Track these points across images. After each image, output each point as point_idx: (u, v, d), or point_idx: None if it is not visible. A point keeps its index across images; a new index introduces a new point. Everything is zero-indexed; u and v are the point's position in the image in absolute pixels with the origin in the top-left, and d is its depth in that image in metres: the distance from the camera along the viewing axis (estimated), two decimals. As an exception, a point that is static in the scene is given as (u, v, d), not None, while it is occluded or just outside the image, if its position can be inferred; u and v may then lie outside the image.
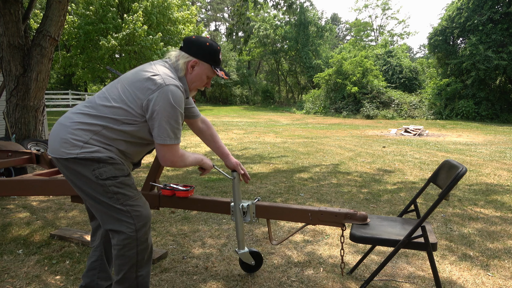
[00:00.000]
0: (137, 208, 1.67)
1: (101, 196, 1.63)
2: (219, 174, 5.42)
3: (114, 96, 1.64)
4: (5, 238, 2.89)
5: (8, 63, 6.19)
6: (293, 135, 11.47)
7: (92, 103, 1.66)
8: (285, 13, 28.61)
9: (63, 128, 1.63)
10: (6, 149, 3.96)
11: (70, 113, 1.68)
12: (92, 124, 1.60)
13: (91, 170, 1.59)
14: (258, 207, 2.11)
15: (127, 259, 1.66)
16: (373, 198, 4.16)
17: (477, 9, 18.69)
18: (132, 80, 1.64)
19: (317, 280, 2.26)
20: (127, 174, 1.69)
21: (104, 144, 1.62)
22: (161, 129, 1.59)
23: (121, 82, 1.68)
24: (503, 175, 5.50)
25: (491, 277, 2.31)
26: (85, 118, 1.62)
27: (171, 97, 1.57)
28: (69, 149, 1.59)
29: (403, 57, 25.77)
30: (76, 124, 1.61)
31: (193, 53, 1.71)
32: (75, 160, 1.59)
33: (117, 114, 1.61)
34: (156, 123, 1.59)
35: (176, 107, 1.59)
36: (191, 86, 1.77)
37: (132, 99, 1.60)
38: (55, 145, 1.63)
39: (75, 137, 1.59)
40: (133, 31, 14.26)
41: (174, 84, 1.60)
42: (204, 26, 27.63)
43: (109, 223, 1.66)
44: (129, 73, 1.71)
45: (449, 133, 12.57)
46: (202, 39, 1.73)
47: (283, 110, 27.50)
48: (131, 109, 1.61)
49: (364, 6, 39.77)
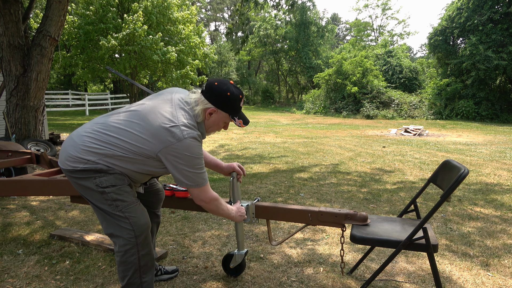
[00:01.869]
0: (135, 215, 1.71)
1: (101, 204, 1.68)
2: (219, 174, 5.42)
3: (130, 130, 1.63)
4: (5, 238, 2.89)
5: (8, 63, 6.19)
6: (293, 135, 11.47)
7: (106, 127, 1.67)
8: (286, 12, 28.63)
9: (73, 144, 1.69)
10: (6, 149, 3.96)
11: (84, 130, 1.71)
12: (100, 150, 1.64)
13: (92, 179, 1.65)
14: (258, 208, 2.11)
15: (129, 265, 1.70)
16: (373, 198, 4.16)
17: (477, 9, 18.68)
18: (148, 122, 1.62)
19: (317, 280, 2.26)
20: (127, 183, 1.72)
21: (109, 163, 1.65)
22: (187, 177, 1.64)
23: (140, 117, 1.65)
24: (503, 175, 5.50)
25: (491, 277, 2.31)
26: (96, 142, 1.65)
27: (191, 149, 1.59)
28: (73, 163, 1.66)
29: (403, 57, 25.75)
30: (84, 146, 1.65)
31: (212, 101, 1.68)
32: (76, 171, 1.66)
33: (128, 151, 1.64)
34: (178, 173, 1.63)
35: (196, 157, 1.62)
36: (208, 130, 1.77)
37: (148, 143, 1.61)
38: (62, 156, 1.71)
39: (81, 156, 1.65)
40: (133, 31, 14.25)
41: (192, 137, 1.60)
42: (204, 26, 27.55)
43: (109, 228, 1.71)
44: (150, 109, 1.67)
45: (449, 133, 12.56)
46: (224, 88, 1.68)
47: (283, 110, 27.49)
48: (143, 150, 1.62)
49: (364, 6, 39.74)
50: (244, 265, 2.26)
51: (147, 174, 1.76)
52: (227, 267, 2.26)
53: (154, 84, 19.78)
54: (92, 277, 2.28)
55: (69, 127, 12.76)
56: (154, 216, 2.13)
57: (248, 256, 2.58)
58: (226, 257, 2.25)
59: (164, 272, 2.23)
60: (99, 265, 2.43)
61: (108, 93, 23.89)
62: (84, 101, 19.13)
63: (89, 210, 3.64)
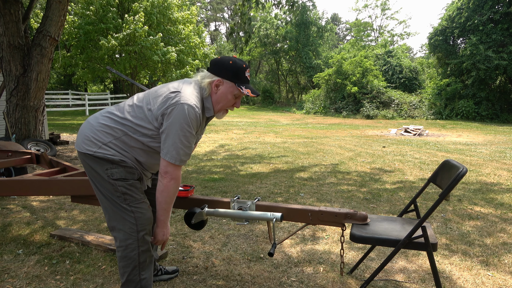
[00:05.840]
0: (141, 211, 1.73)
1: (110, 194, 1.71)
2: (219, 174, 5.42)
3: (140, 104, 1.72)
4: (5, 238, 2.89)
5: (8, 63, 6.20)
6: (293, 135, 11.47)
7: (120, 108, 1.76)
8: (286, 12, 28.62)
9: (89, 126, 1.75)
10: (6, 149, 3.96)
11: (100, 113, 1.79)
12: (114, 129, 1.71)
13: (104, 169, 1.70)
14: (258, 207, 2.11)
15: (129, 260, 1.72)
16: (373, 198, 4.16)
17: (477, 9, 18.69)
18: (156, 94, 1.71)
19: (317, 280, 2.26)
20: (137, 178, 1.76)
21: (121, 149, 1.71)
22: (169, 145, 1.62)
23: (151, 93, 1.74)
24: (503, 175, 5.50)
25: (491, 277, 2.32)
26: (110, 121, 1.72)
27: (184, 115, 1.60)
28: (89, 145, 1.71)
29: (403, 57, 25.75)
30: (100, 126, 1.72)
31: (216, 72, 1.72)
32: (91, 156, 1.70)
33: (137, 125, 1.69)
34: (165, 138, 1.64)
35: (186, 126, 1.61)
36: (217, 106, 1.77)
37: (154, 111, 1.66)
38: (78, 139, 1.78)
39: (96, 137, 1.71)
40: (134, 31, 14.25)
41: (190, 104, 1.62)
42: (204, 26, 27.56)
43: (113, 219, 1.73)
44: (158, 86, 1.79)
45: (449, 133, 12.56)
46: (226, 58, 1.72)
47: (283, 110, 27.49)
48: (149, 121, 1.67)
49: (363, 6, 39.75)
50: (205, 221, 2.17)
51: (158, 156, 1.73)
52: (189, 223, 2.14)
53: (154, 84, 19.78)
54: (92, 277, 2.28)
55: (69, 127, 12.75)
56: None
57: (248, 256, 2.59)
58: (188, 214, 2.12)
59: (164, 272, 2.24)
60: (99, 265, 2.43)
61: (108, 93, 23.89)
62: (84, 101, 19.13)
63: (89, 210, 3.64)
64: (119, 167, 1.69)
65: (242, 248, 2.72)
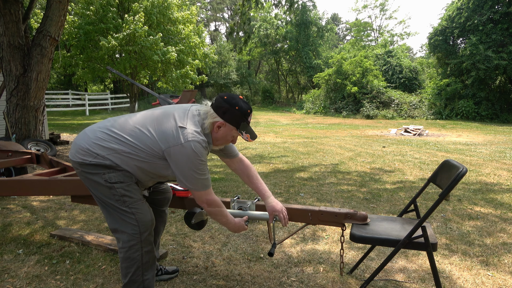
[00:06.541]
0: (142, 211, 1.75)
1: (109, 199, 1.71)
2: (219, 174, 5.42)
3: (141, 128, 1.70)
4: (5, 238, 2.89)
5: (8, 63, 6.20)
6: (293, 135, 11.47)
7: (119, 127, 1.75)
8: (286, 12, 28.62)
9: (85, 138, 1.75)
10: (6, 149, 3.96)
11: (98, 127, 1.78)
12: (111, 148, 1.70)
13: (101, 174, 1.70)
14: (258, 207, 2.11)
15: (132, 261, 1.73)
16: (373, 198, 4.16)
17: (477, 9, 18.68)
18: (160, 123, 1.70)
19: (317, 279, 2.26)
20: (135, 181, 1.77)
21: (117, 160, 1.70)
22: (188, 179, 1.66)
23: (154, 119, 1.73)
24: (503, 175, 5.50)
25: (491, 277, 2.32)
26: (108, 138, 1.72)
27: (193, 152, 1.61)
28: (84, 155, 1.71)
29: (403, 57, 25.74)
30: (97, 139, 1.72)
31: (221, 114, 1.70)
32: (86, 164, 1.71)
33: (138, 150, 1.69)
34: (180, 173, 1.65)
35: (199, 162, 1.63)
36: (216, 143, 1.79)
37: (156, 143, 1.66)
38: (73, 149, 1.77)
39: (92, 149, 1.71)
40: (134, 31, 14.25)
41: (197, 141, 1.63)
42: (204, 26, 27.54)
43: (114, 223, 1.74)
44: (165, 112, 1.76)
45: (449, 133, 12.57)
46: (233, 102, 1.70)
47: (283, 110, 27.48)
48: (152, 151, 1.67)
49: (363, 7, 39.70)
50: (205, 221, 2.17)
51: (154, 175, 1.79)
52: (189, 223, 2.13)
53: (154, 84, 19.78)
54: (92, 277, 2.28)
55: (69, 127, 12.76)
56: (160, 215, 2.15)
57: (248, 256, 2.59)
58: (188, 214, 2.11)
59: (164, 272, 2.24)
60: (99, 265, 2.43)
61: (108, 93, 23.89)
62: (84, 101, 19.14)
63: (89, 210, 3.64)
64: (116, 171, 1.70)
65: (242, 248, 2.73)
